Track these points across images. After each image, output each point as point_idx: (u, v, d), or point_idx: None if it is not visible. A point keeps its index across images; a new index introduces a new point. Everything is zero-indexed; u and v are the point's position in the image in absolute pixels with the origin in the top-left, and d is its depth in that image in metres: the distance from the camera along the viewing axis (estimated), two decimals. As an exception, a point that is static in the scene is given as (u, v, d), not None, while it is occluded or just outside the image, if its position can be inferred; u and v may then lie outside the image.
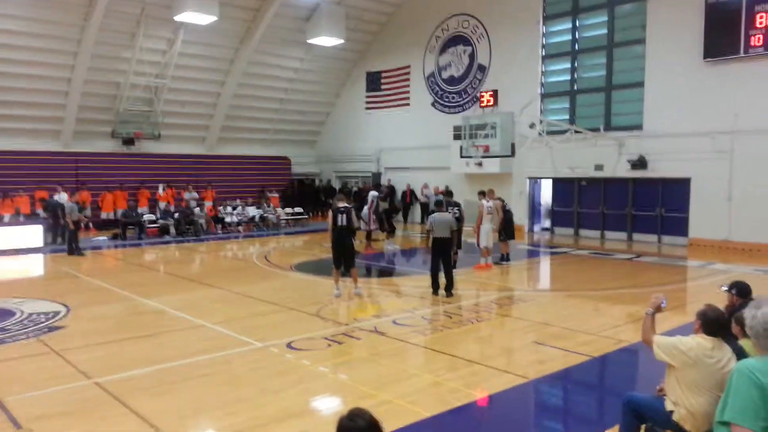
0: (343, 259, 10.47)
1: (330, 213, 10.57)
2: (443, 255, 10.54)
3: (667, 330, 7.20)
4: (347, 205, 10.68)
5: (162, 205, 22.28)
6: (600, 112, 19.59)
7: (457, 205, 13.20)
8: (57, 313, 9.35)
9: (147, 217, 20.96)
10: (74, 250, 15.94)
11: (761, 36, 15.68)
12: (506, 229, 14.19)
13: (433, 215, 10.79)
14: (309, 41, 24.13)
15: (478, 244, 13.54)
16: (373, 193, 17.10)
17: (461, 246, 13.10)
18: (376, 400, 5.54)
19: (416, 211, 25.00)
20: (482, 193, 13.99)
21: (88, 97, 22.00)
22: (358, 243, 11.91)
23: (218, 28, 22.07)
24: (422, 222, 23.13)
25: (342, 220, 10.31)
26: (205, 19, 20.61)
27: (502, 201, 14.38)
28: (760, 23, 15.67)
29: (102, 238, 19.53)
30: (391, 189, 24.90)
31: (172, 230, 20.35)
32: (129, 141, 23.47)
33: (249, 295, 10.61)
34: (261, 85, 25.60)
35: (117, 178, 22.69)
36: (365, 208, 16.54)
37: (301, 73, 26.32)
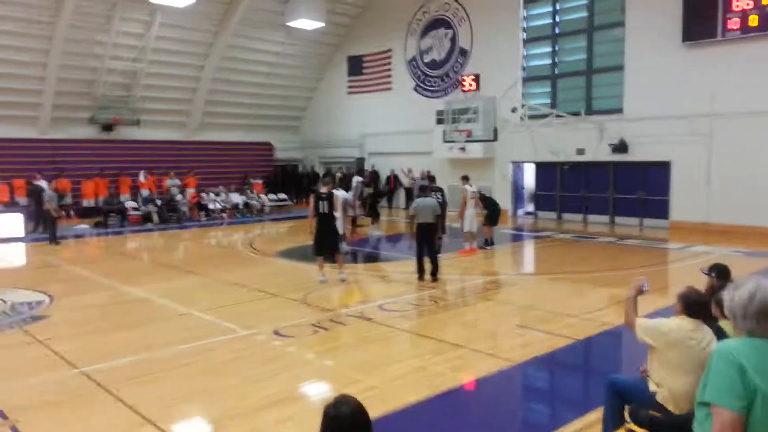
0: (327, 245, 10.42)
1: (311, 199, 10.47)
2: (428, 240, 10.55)
3: (649, 312, 7.31)
4: (330, 190, 10.54)
5: (144, 192, 22.04)
6: (581, 95, 19.68)
7: (440, 189, 13.16)
8: (40, 302, 9.25)
9: (129, 204, 20.74)
10: (52, 238, 15.75)
11: (738, 19, 15.81)
12: (491, 215, 14.23)
13: (416, 201, 10.81)
14: (288, 24, 23.88)
15: (463, 229, 13.59)
16: (357, 179, 17.06)
17: (445, 231, 13.14)
18: (363, 385, 5.57)
19: (400, 196, 25.03)
20: (465, 178, 13.98)
21: (65, 83, 21.58)
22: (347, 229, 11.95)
23: (196, 10, 21.72)
24: (406, 207, 23.17)
25: (324, 207, 10.24)
26: (182, 1, 20.25)
27: (480, 192, 14.28)
28: (737, 7, 15.80)
29: (84, 226, 19.28)
30: (375, 174, 24.84)
31: (155, 217, 20.16)
32: (108, 127, 23.11)
33: (234, 283, 10.56)
34: (241, 69, 25.30)
35: (96, 164, 22.36)
36: (350, 194, 16.50)
37: (281, 57, 26.04)
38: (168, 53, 22.98)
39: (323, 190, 10.45)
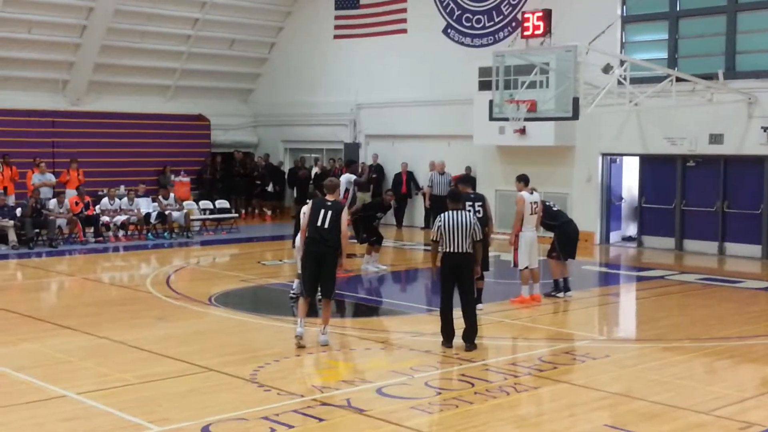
0: (324, 284, 10.58)
1: (309, 206, 10.74)
2: (460, 281, 10.58)
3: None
4: (338, 199, 10.81)
5: (-6, 194, 22.13)
6: (718, 47, 19.80)
7: (481, 198, 13.08)
8: None
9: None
10: None
11: None
12: (562, 242, 14.22)
13: (442, 216, 10.79)
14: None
15: (516, 263, 13.59)
16: (347, 178, 17.10)
17: (488, 266, 13.14)
18: None
19: (417, 207, 25.03)
20: (523, 180, 13.93)
21: None
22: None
23: None
24: (427, 225, 23.18)
25: (326, 219, 10.37)
26: None
27: (545, 203, 14.26)
28: None
29: None
30: (377, 170, 24.86)
31: (12, 236, 20.23)
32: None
33: (140, 347, 10.56)
34: (159, -1, 25.60)
35: None
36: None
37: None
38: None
39: (329, 197, 10.66)
